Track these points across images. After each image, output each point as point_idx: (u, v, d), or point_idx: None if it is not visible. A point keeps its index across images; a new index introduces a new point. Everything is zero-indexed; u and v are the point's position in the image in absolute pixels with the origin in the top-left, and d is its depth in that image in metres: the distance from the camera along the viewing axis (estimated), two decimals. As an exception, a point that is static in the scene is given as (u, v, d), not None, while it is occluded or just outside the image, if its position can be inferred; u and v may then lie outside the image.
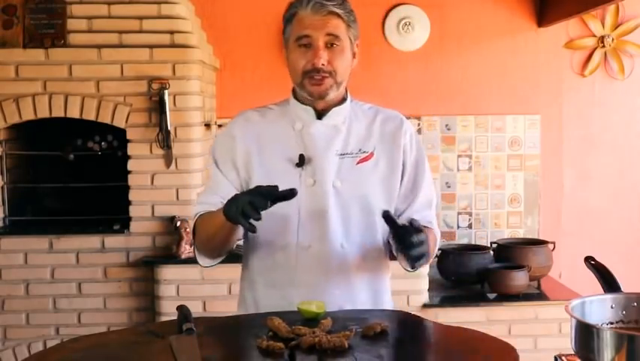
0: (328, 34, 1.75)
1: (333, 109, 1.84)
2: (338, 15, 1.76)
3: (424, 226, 1.84)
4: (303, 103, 1.85)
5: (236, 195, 1.67)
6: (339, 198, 1.80)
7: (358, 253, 1.82)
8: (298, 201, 1.70)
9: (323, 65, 1.75)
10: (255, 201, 1.56)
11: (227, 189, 1.82)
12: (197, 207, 1.87)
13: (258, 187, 1.61)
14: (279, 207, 1.66)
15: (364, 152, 1.84)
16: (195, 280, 3.49)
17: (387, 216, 1.64)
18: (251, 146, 1.84)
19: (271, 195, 1.58)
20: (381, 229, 1.83)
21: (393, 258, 1.87)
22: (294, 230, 1.79)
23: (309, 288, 1.77)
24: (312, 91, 1.79)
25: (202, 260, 1.89)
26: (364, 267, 1.83)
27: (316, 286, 1.77)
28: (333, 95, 1.81)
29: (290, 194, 1.59)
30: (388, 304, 1.92)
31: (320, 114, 1.84)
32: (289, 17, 1.80)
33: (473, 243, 4.30)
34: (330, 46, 1.76)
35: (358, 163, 1.83)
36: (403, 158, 1.86)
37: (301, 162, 1.80)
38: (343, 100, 1.87)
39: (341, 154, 1.82)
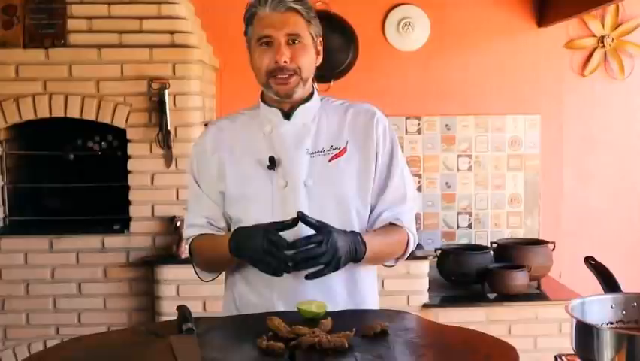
0: (289, 33, 1.74)
1: (300, 107, 1.82)
2: (297, 11, 1.75)
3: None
4: (270, 105, 1.83)
5: (238, 236, 1.68)
6: (312, 198, 1.76)
7: None
8: (272, 204, 1.69)
9: (286, 62, 1.73)
10: (271, 250, 1.60)
11: (210, 207, 1.84)
12: (188, 231, 1.88)
13: (265, 232, 1.62)
14: (253, 211, 1.72)
15: (336, 148, 1.80)
16: (195, 280, 3.37)
17: (302, 218, 1.64)
18: (223, 154, 1.83)
19: (279, 240, 1.60)
20: (359, 226, 1.79)
21: None
22: None
23: (286, 289, 1.75)
24: (279, 90, 1.77)
25: (202, 275, 1.93)
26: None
27: (293, 287, 1.74)
28: (301, 92, 1.79)
29: (293, 223, 1.62)
30: (372, 305, 1.87)
31: (287, 114, 1.82)
32: (249, 18, 1.80)
33: (473, 243, 4.30)
34: (292, 43, 1.74)
35: (330, 160, 1.79)
36: (375, 150, 1.82)
37: (272, 164, 1.77)
38: (310, 97, 1.84)
39: (312, 153, 1.79)
